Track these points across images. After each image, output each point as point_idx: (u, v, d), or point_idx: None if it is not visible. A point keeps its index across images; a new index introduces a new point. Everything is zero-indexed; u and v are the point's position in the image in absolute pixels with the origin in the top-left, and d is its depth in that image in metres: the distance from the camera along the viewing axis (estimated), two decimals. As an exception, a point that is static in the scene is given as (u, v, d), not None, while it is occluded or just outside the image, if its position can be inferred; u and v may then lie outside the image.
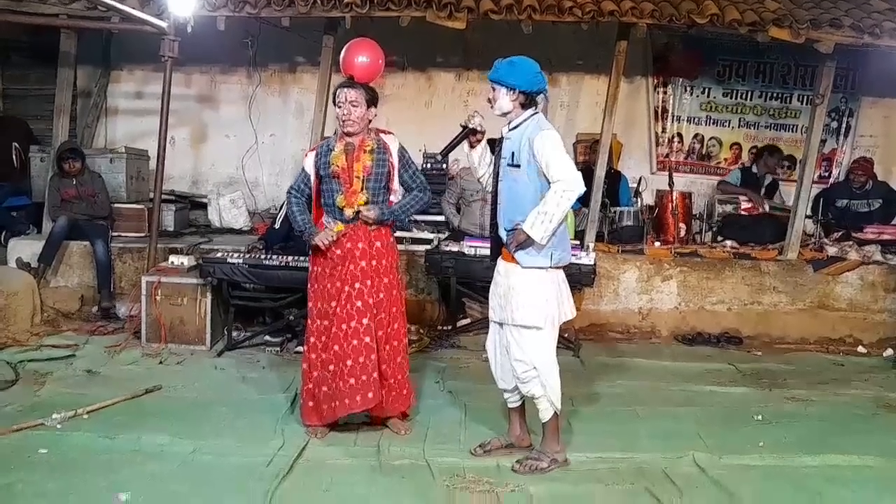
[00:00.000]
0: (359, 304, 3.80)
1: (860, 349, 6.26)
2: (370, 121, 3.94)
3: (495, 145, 3.69)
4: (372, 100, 3.90)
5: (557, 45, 7.11)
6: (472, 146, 3.71)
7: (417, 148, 7.27)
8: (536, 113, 3.57)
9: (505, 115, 3.58)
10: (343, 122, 3.86)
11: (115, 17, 6.08)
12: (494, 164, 3.69)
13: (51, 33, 6.65)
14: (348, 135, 3.89)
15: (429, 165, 7.10)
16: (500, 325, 3.67)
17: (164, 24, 5.76)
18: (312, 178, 3.97)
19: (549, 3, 6.04)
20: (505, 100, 3.53)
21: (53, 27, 6.46)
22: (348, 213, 3.85)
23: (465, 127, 3.64)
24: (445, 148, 3.66)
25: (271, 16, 6.19)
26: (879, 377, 5.48)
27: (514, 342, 3.56)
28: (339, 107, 3.86)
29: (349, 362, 3.77)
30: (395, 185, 3.96)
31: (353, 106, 3.83)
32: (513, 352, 3.57)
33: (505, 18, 6.05)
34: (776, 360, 5.80)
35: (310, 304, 3.99)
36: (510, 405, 3.83)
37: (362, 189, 3.84)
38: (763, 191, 7.39)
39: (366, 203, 3.85)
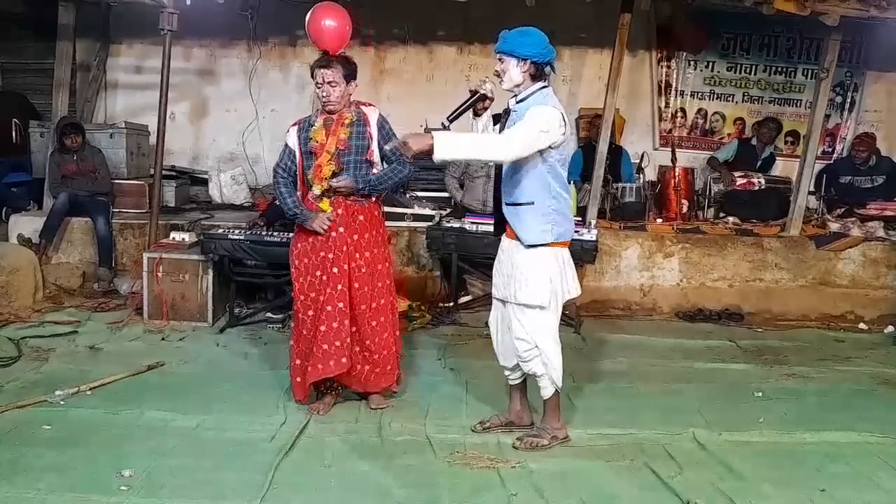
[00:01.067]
0: (334, 270, 3.79)
1: (861, 325, 6.27)
2: (350, 94, 3.88)
3: (500, 119, 3.61)
4: (350, 74, 3.83)
5: (560, 17, 7.03)
6: (477, 114, 3.61)
7: (419, 123, 7.24)
8: (546, 87, 3.47)
9: (515, 87, 3.47)
10: (323, 102, 3.83)
11: (113, -10, 6.03)
12: None
13: (49, 6, 6.59)
14: (329, 112, 3.86)
15: (430, 140, 7.07)
16: (503, 302, 3.63)
17: (163, -2, 5.70)
18: (297, 153, 3.92)
19: (552, -24, 5.97)
20: (515, 71, 3.42)
21: (52, 0, 6.40)
22: (316, 189, 3.81)
23: (474, 92, 3.54)
24: (453, 113, 3.51)
25: (271, -12, 6.13)
26: (880, 353, 5.49)
27: (517, 320, 3.52)
28: (319, 87, 3.80)
29: (322, 328, 3.77)
30: (375, 156, 3.88)
31: (332, 86, 3.78)
32: (515, 330, 3.53)
33: (507, -9, 5.98)
34: (777, 336, 5.81)
35: (295, 282, 3.94)
36: (511, 382, 3.81)
37: (330, 161, 3.79)
38: (759, 163, 7.34)
39: (333, 175, 3.79)
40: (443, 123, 3.43)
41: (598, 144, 6.50)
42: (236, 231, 5.40)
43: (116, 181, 6.61)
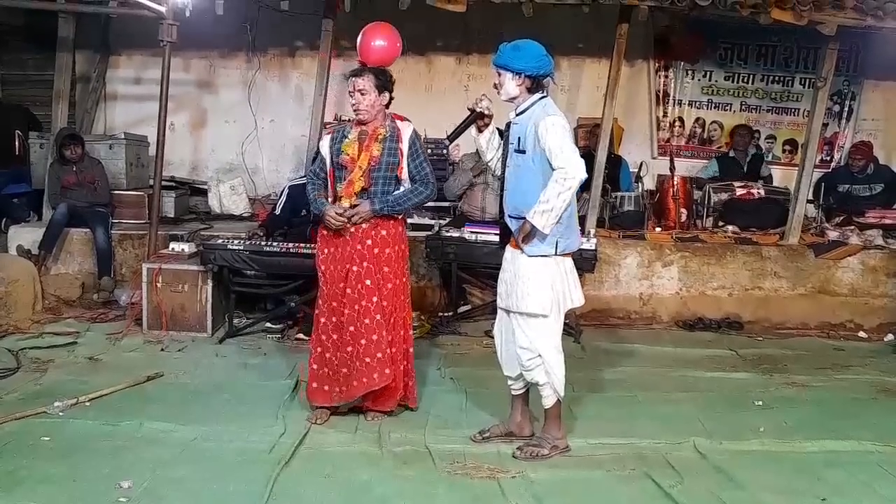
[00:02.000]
0: (368, 282, 3.80)
1: (861, 334, 6.26)
2: (385, 105, 3.90)
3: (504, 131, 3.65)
4: (383, 85, 3.84)
5: (558, 28, 7.05)
6: (479, 130, 3.67)
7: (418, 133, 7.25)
8: (544, 97, 3.52)
9: (512, 100, 3.53)
10: (353, 110, 3.85)
11: (113, 2, 6.07)
12: (503, 150, 3.65)
13: (49, 18, 6.62)
14: (362, 123, 3.86)
15: (430, 151, 7.08)
16: (507, 311, 3.64)
17: (162, 9, 5.72)
18: (328, 162, 3.94)
19: (549, -14, 5.99)
20: (511, 84, 3.48)
21: (51, 12, 6.43)
22: (346, 202, 3.82)
23: (472, 111, 3.60)
24: (453, 133, 3.60)
25: None
26: (880, 362, 5.49)
27: (520, 329, 3.53)
28: (350, 95, 3.84)
29: (363, 341, 3.78)
30: (405, 174, 3.89)
31: (362, 94, 3.80)
32: (518, 339, 3.54)
33: (505, 0, 6.00)
34: (777, 345, 5.81)
35: (320, 287, 3.98)
36: (514, 392, 3.79)
37: (361, 177, 3.80)
38: (745, 168, 7.33)
39: (363, 190, 3.81)
40: (444, 143, 3.59)
41: (597, 154, 6.51)
42: (235, 241, 5.39)
43: (116, 192, 6.61)
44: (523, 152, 3.45)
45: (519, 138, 3.47)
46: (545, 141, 3.36)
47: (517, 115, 3.52)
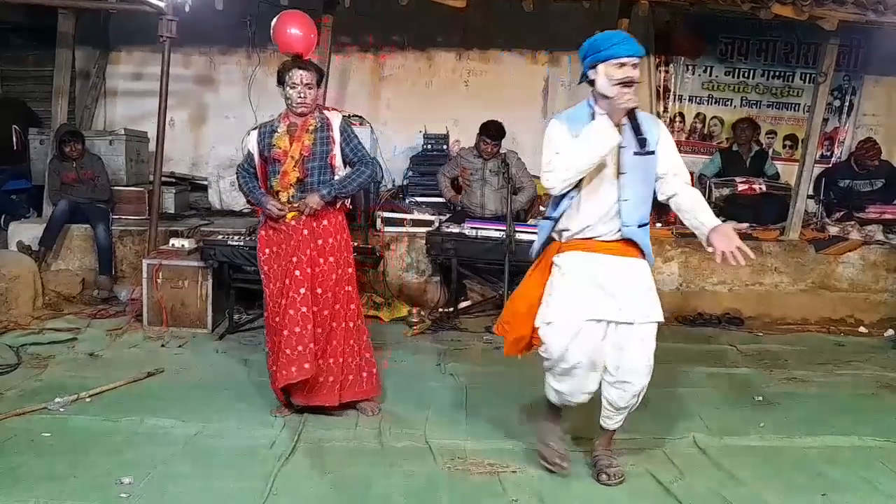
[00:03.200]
0: (297, 273, 3.77)
1: (861, 329, 6.27)
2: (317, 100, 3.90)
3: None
4: (321, 79, 3.87)
5: (559, 23, 7.06)
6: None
7: (418, 129, 7.25)
8: None
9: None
10: (297, 103, 3.80)
11: (112, -2, 6.04)
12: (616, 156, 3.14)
13: (49, 14, 6.61)
14: (299, 115, 3.84)
15: (429, 147, 7.09)
16: (628, 325, 3.19)
17: (161, 5, 5.72)
18: (256, 158, 3.92)
19: (550, -19, 5.99)
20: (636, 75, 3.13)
21: (51, 7, 6.42)
22: (283, 196, 3.81)
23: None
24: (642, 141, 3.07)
25: (270, -5, 6.14)
26: (880, 357, 5.49)
27: (644, 344, 3.20)
28: (293, 87, 3.78)
29: (285, 332, 3.74)
30: (337, 161, 3.87)
31: (309, 88, 3.79)
32: (641, 356, 3.20)
33: (506, -4, 6.00)
34: (777, 340, 5.81)
35: (265, 288, 3.92)
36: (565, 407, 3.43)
37: (295, 168, 3.79)
38: (748, 163, 7.31)
39: (299, 181, 3.80)
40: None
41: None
42: (235, 237, 5.40)
43: (116, 188, 6.61)
44: (652, 153, 3.11)
45: (645, 138, 3.08)
46: (670, 145, 3.20)
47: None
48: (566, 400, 3.33)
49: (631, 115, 3.07)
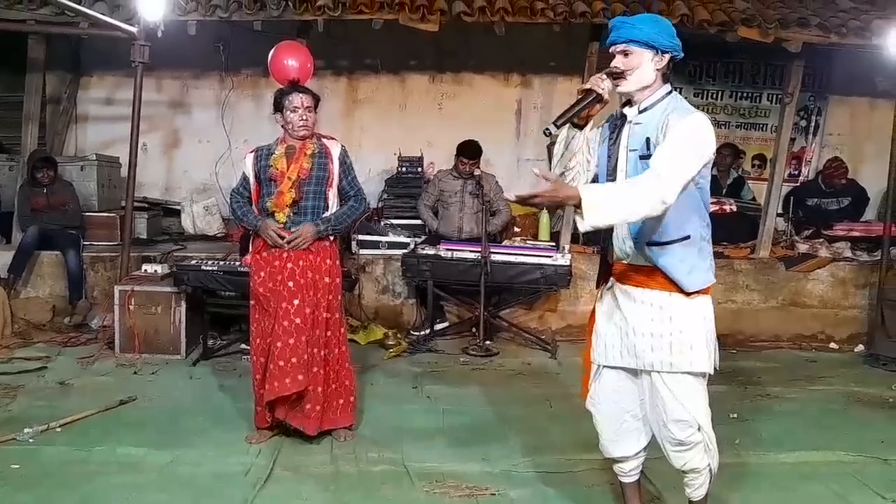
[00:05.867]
0: (290, 284, 3.77)
1: (832, 345, 6.36)
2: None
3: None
4: (317, 104, 3.91)
5: (530, 46, 7.15)
6: (580, 126, 2.74)
7: (392, 151, 7.27)
8: (673, 90, 2.75)
9: (641, 91, 2.68)
10: (300, 126, 3.81)
11: (83, 23, 6.00)
12: (608, 161, 2.75)
13: (19, 39, 6.55)
14: (299, 139, 3.85)
15: (404, 169, 7.11)
16: (635, 372, 2.83)
17: (133, 30, 5.70)
18: (252, 180, 3.93)
19: (521, 5, 6.06)
20: (648, 67, 2.64)
21: (21, 33, 6.37)
22: (279, 216, 3.81)
23: (588, 91, 2.63)
24: (563, 116, 2.66)
25: (242, 19, 6.15)
26: (851, 372, 5.57)
27: (672, 396, 2.71)
28: (294, 111, 3.79)
29: (279, 344, 3.72)
30: (333, 190, 3.90)
31: (309, 111, 3.82)
32: (670, 409, 2.72)
33: (478, 20, 6.05)
34: (750, 357, 5.87)
35: (252, 310, 3.91)
36: (626, 480, 3.04)
37: (291, 189, 3.79)
38: (725, 190, 7.37)
39: (294, 203, 3.80)
40: (546, 131, 2.67)
41: (570, 170, 6.55)
42: (210, 262, 5.36)
43: (87, 214, 6.54)
44: (648, 156, 2.58)
45: (647, 140, 2.61)
46: (672, 135, 2.53)
47: (640, 112, 2.69)
48: (605, 449, 2.99)
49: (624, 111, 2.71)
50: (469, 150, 6.30)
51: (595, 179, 2.81)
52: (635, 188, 2.44)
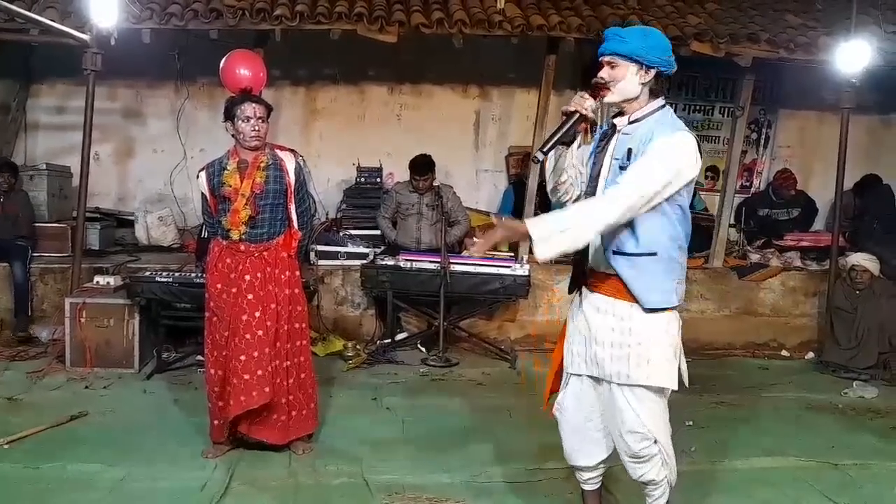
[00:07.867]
0: (249, 296, 3.72)
1: (784, 353, 6.51)
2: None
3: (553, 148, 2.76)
4: (269, 113, 3.85)
5: (488, 58, 7.20)
6: (568, 143, 2.77)
7: (351, 162, 7.24)
8: (667, 105, 2.74)
9: (626, 103, 2.70)
10: (251, 137, 3.73)
11: (34, 30, 5.86)
12: (593, 168, 2.79)
13: (-35, 46, 6.40)
14: (250, 149, 3.78)
15: (363, 179, 7.09)
16: (597, 380, 2.82)
17: (86, 37, 5.59)
18: (209, 198, 3.86)
19: (479, 18, 6.11)
20: (632, 82, 2.64)
21: (-32, 40, 6.21)
22: (234, 234, 3.75)
23: (571, 114, 2.67)
24: (549, 141, 2.69)
25: (199, 28, 6.07)
26: (803, 379, 5.70)
27: (629, 408, 2.71)
28: (246, 121, 3.71)
29: (242, 357, 3.67)
30: (292, 204, 3.86)
31: (262, 121, 3.75)
32: (626, 420, 2.72)
33: (436, 32, 6.08)
34: (705, 365, 5.95)
35: (208, 322, 3.86)
36: (587, 487, 3.06)
37: (245, 206, 3.73)
38: None
39: (250, 218, 3.73)
40: (534, 158, 2.69)
41: (528, 182, 6.62)
42: (164, 273, 5.26)
43: (38, 224, 6.38)
44: (622, 168, 2.63)
45: (629, 150, 2.62)
46: (651, 150, 2.55)
47: (630, 122, 2.71)
48: (568, 457, 3.04)
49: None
50: (420, 167, 6.24)
51: None
52: (580, 214, 2.53)
